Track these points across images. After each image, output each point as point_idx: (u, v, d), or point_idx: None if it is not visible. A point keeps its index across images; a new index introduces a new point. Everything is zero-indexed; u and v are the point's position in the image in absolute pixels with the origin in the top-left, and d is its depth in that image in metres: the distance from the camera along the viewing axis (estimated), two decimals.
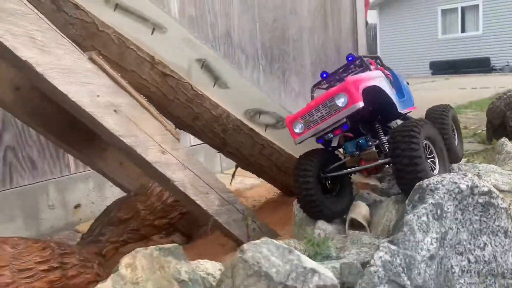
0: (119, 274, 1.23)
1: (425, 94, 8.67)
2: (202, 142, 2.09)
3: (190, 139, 2.89)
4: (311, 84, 3.36)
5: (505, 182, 1.58)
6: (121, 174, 1.90)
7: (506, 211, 1.18)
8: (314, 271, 0.81)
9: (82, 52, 1.27)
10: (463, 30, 17.73)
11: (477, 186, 1.14)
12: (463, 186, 1.12)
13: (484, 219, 1.15)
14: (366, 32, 4.72)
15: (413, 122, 1.55)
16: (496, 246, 1.15)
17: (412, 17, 18.33)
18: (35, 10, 1.17)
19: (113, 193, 2.58)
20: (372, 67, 1.86)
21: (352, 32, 4.33)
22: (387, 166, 1.76)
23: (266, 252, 0.83)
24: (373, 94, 1.65)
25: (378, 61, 1.98)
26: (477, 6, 16.95)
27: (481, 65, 16.07)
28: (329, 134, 1.73)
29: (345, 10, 4.26)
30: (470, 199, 1.13)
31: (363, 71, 1.80)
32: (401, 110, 1.80)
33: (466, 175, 1.15)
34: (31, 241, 1.44)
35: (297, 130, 1.74)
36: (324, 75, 1.95)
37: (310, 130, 1.70)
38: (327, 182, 1.77)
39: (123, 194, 2.62)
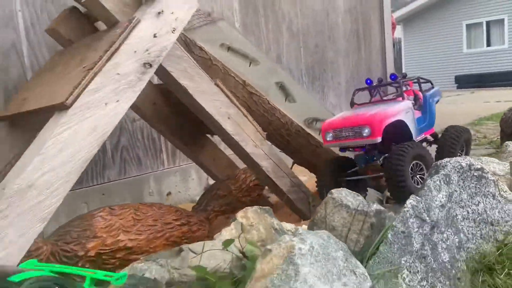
0: (237, 222, 1.89)
1: (449, 107, 9.12)
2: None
3: None
4: (346, 98, 4.04)
5: (501, 169, 2.18)
6: (214, 166, 2.57)
7: (494, 182, 1.79)
8: (373, 203, 1.44)
9: (211, 80, 1.95)
10: (488, 44, 17.94)
11: (473, 165, 1.75)
12: (463, 164, 1.73)
13: (478, 186, 1.75)
14: (393, 52, 5.33)
15: (404, 146, 2.03)
16: (486, 204, 1.76)
17: (437, 31, 18.61)
18: (187, 54, 1.86)
19: (193, 185, 3.27)
20: (409, 88, 2.42)
21: (381, 52, 4.96)
22: None
23: (344, 194, 1.47)
24: (396, 123, 2.15)
25: (417, 82, 2.50)
26: (502, 20, 17.20)
27: (508, 78, 16.16)
28: (350, 149, 2.33)
29: (375, 34, 4.90)
30: (469, 173, 1.74)
31: (398, 95, 2.34)
32: (416, 137, 2.24)
33: (466, 158, 1.77)
34: (167, 205, 2.12)
35: (327, 138, 2.24)
36: (368, 81, 2.51)
37: (337, 142, 2.20)
38: (342, 183, 2.36)
39: (201, 184, 3.30)
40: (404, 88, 2.33)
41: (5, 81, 2.37)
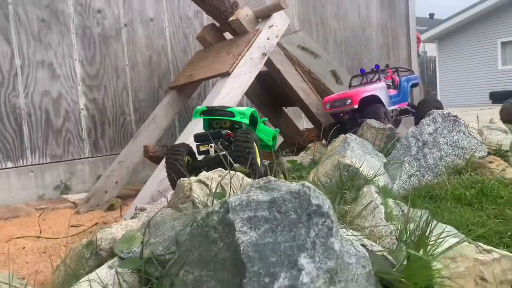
0: (308, 147, 3.18)
1: (472, 116, 10.05)
2: None
3: None
4: None
5: (475, 126, 3.36)
6: (286, 128, 3.87)
7: (464, 123, 3.00)
8: (387, 124, 2.70)
9: (293, 66, 3.27)
10: None
11: (450, 113, 2.97)
12: (445, 112, 2.95)
13: (454, 126, 2.97)
14: (418, 61, 6.52)
15: (377, 105, 3.14)
16: (459, 137, 2.96)
17: (471, 49, 19.13)
18: (280, 49, 3.19)
19: None
20: (388, 75, 3.60)
21: (407, 61, 6.17)
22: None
23: (373, 122, 2.74)
24: (372, 97, 3.22)
25: (395, 70, 3.61)
26: None
27: None
28: (340, 114, 3.28)
29: (402, 45, 6.13)
30: (448, 117, 2.96)
31: (378, 79, 3.46)
32: (388, 107, 3.28)
33: (447, 109, 2.99)
34: None
35: (327, 107, 3.27)
36: (362, 71, 3.63)
37: (332, 109, 3.24)
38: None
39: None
40: (383, 75, 3.51)
41: (158, 71, 3.78)
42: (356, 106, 3.15)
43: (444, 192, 2.63)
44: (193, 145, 1.82)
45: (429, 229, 1.17)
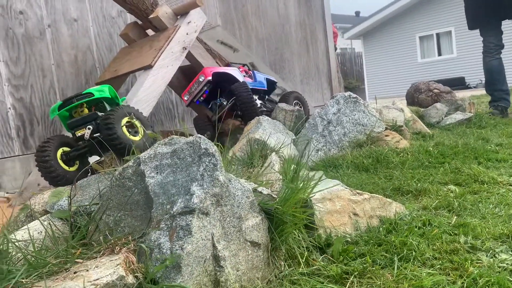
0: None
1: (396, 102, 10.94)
2: None
3: None
4: (300, 87, 5.79)
5: (375, 106, 3.85)
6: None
7: (364, 104, 3.46)
8: (295, 106, 3.07)
9: (213, 59, 3.57)
10: (439, 54, 20.00)
11: (351, 95, 3.41)
12: (346, 94, 3.39)
13: (355, 106, 3.41)
14: (335, 55, 7.08)
15: (242, 83, 3.21)
16: (359, 115, 3.41)
17: (394, 44, 20.57)
18: (200, 44, 3.48)
19: None
20: (241, 69, 3.80)
21: (326, 54, 6.69)
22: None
23: (284, 105, 3.10)
24: (227, 78, 3.27)
25: (247, 66, 3.82)
26: (450, 32, 19.31)
27: (458, 84, 18.21)
28: (200, 98, 3.24)
29: (320, 40, 6.63)
30: (349, 99, 3.40)
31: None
32: (250, 85, 3.27)
33: (348, 92, 3.43)
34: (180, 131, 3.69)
35: (185, 98, 3.25)
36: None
37: (191, 98, 3.20)
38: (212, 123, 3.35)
39: None
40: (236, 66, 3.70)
41: (85, 69, 3.92)
42: (209, 78, 3.14)
43: (346, 162, 3.05)
44: None
45: (300, 171, 1.50)
